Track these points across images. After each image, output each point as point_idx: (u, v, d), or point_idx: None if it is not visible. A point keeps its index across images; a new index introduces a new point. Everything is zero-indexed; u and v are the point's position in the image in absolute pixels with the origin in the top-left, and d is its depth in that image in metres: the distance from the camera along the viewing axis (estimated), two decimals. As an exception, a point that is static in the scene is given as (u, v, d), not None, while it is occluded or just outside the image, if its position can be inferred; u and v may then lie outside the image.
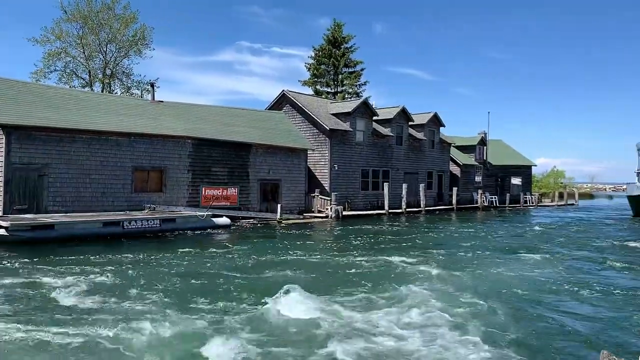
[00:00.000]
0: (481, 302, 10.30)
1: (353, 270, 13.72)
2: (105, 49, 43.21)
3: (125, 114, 24.65)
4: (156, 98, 28.96)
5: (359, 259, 15.76)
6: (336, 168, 32.77)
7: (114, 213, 21.33)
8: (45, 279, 11.56)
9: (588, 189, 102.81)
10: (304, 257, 15.90)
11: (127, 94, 43.04)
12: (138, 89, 44.73)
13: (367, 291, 11.10)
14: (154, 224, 20.62)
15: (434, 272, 13.46)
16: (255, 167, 27.77)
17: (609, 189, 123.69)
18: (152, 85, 30.82)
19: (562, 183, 71.09)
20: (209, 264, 14.22)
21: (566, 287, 12.18)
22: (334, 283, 11.98)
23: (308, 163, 31.39)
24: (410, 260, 15.60)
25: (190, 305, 9.61)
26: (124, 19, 42.80)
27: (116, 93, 42.61)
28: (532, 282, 12.58)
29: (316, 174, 32.82)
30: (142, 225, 20.19)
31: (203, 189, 25.46)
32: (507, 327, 8.69)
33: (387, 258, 15.86)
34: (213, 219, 23.32)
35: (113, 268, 13.13)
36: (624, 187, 51.94)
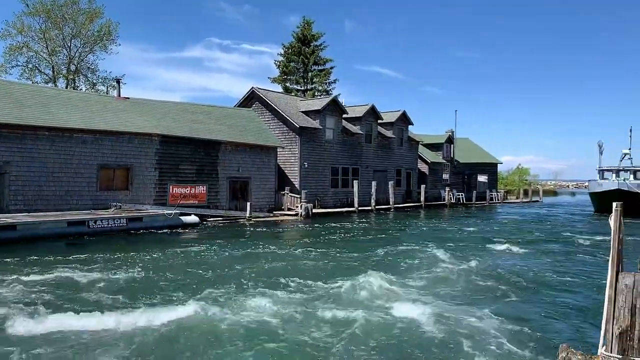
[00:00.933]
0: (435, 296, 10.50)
1: (311, 266, 13.79)
2: (69, 44, 42.23)
3: (90, 110, 24.15)
4: (123, 95, 28.45)
5: (318, 255, 15.85)
6: (306, 166, 32.80)
7: (79, 212, 20.90)
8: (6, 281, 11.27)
9: (552, 186, 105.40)
10: (267, 254, 15.90)
11: (93, 90, 42.17)
12: (104, 86, 43.90)
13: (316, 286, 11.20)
14: (120, 223, 20.29)
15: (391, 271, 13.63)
16: (224, 165, 27.57)
17: (572, 186, 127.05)
18: (118, 82, 30.26)
19: (526, 180, 72.75)
20: (170, 263, 14.09)
21: (528, 278, 12.50)
22: (285, 279, 12.02)
23: (278, 161, 31.33)
24: (375, 256, 15.76)
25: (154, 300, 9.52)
26: (88, 14, 41.89)
27: (81, 89, 41.69)
28: (497, 275, 12.87)
29: (286, 171, 32.79)
30: (108, 224, 19.84)
31: (171, 187, 25.15)
32: (467, 321, 8.89)
33: (351, 255, 16.00)
34: (181, 217, 23.07)
35: (77, 267, 12.87)
36: (586, 184, 53.43)
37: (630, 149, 44.01)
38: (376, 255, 16.25)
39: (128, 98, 27.96)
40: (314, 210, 30.34)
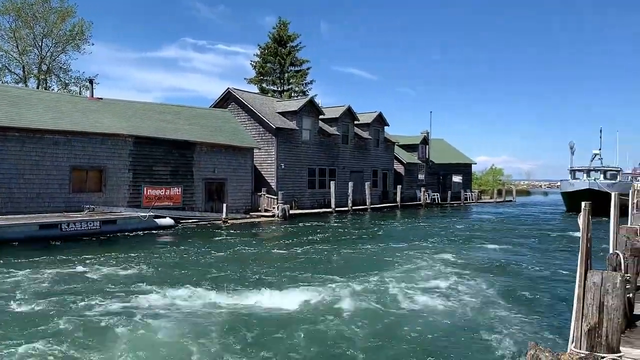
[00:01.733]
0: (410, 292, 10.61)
1: (287, 265, 13.80)
2: (40, 44, 41.38)
3: (62, 111, 23.72)
4: (96, 95, 28.01)
5: (294, 255, 15.86)
6: (283, 167, 32.75)
7: (51, 215, 20.51)
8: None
9: (525, 186, 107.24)
10: (242, 256, 15.84)
11: (65, 90, 41.39)
12: (76, 86, 43.09)
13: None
14: (93, 225, 19.97)
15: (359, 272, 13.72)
16: (200, 166, 27.36)
17: (544, 185, 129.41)
18: (91, 82, 29.77)
19: (500, 180, 73.87)
20: (142, 265, 13.93)
21: (500, 275, 12.72)
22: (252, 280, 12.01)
23: (254, 162, 31.21)
24: (353, 255, 15.83)
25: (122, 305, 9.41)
26: (60, 13, 41.12)
27: (53, 90, 40.89)
28: (472, 272, 13.05)
29: (263, 172, 32.69)
30: (81, 227, 19.51)
31: (145, 188, 24.85)
32: (437, 317, 9.00)
33: (326, 255, 16.05)
34: (156, 219, 22.82)
35: (51, 271, 12.64)
36: (558, 183, 54.54)
37: (600, 149, 45.05)
38: (354, 254, 16.32)
39: (101, 98, 27.54)
40: (291, 212, 30.31)
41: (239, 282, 11.98)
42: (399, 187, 42.46)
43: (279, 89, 57.85)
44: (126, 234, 20.77)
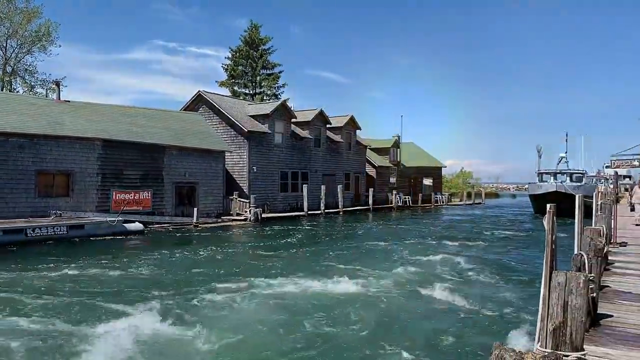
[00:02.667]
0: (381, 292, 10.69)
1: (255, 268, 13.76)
2: (5, 45, 40.30)
3: (28, 114, 23.14)
4: (63, 98, 27.42)
5: (266, 258, 15.81)
6: (255, 170, 32.61)
7: (15, 220, 19.96)
8: None
9: (494, 189, 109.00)
10: (210, 260, 15.71)
11: (31, 93, 40.39)
12: (43, 88, 42.10)
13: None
14: (60, 230, 19.53)
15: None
16: (170, 169, 27.01)
17: (513, 188, 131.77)
18: (58, 84, 29.11)
19: (469, 183, 75.00)
20: (107, 271, 13.69)
21: (468, 274, 12.90)
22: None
23: (226, 165, 30.99)
24: (324, 260, 15.86)
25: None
26: (26, 13, 40.13)
27: (18, 92, 39.86)
28: (440, 271, 13.21)
29: (234, 176, 32.47)
30: (47, 232, 19.05)
31: (114, 193, 24.41)
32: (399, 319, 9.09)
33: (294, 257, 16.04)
34: (125, 224, 22.44)
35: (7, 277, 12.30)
36: (526, 186, 55.65)
37: (566, 152, 46.16)
38: (325, 254, 16.35)
39: (68, 101, 26.97)
40: (263, 215, 30.18)
41: (193, 292, 11.87)
42: (370, 190, 42.71)
43: (251, 92, 57.64)
44: (95, 238, 20.36)
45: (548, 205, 5.33)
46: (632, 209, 20.27)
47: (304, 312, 9.65)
